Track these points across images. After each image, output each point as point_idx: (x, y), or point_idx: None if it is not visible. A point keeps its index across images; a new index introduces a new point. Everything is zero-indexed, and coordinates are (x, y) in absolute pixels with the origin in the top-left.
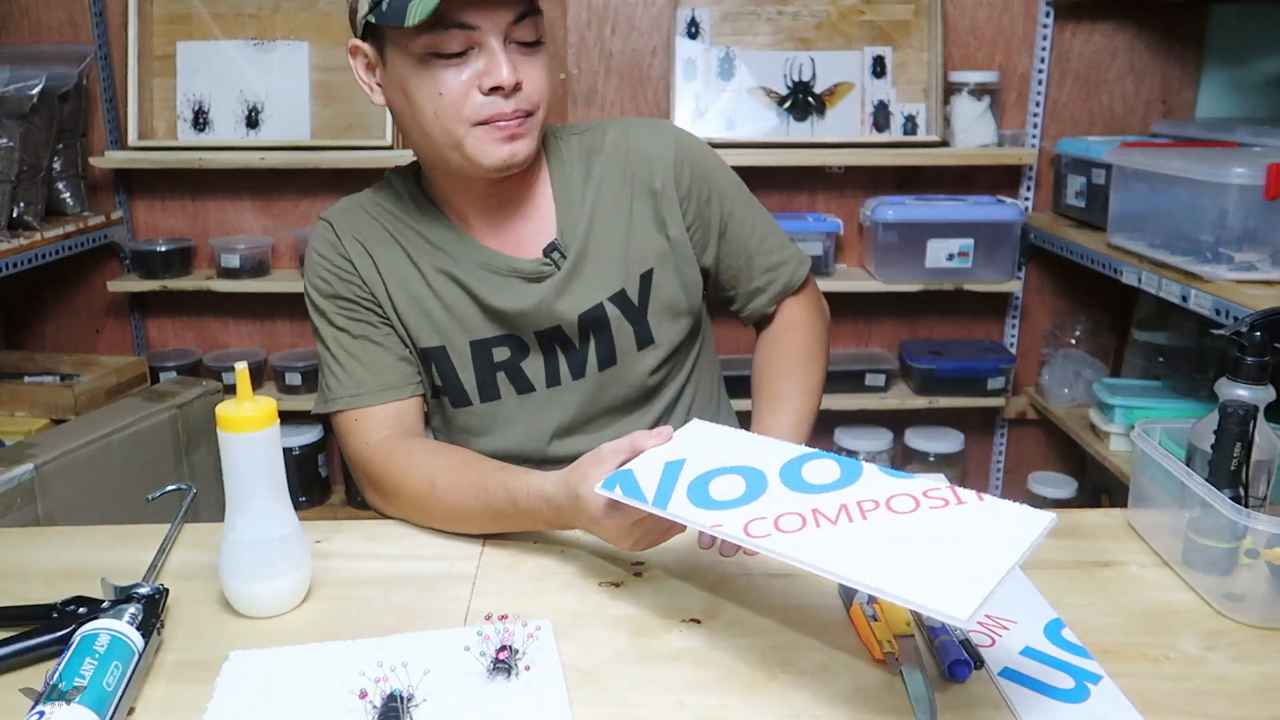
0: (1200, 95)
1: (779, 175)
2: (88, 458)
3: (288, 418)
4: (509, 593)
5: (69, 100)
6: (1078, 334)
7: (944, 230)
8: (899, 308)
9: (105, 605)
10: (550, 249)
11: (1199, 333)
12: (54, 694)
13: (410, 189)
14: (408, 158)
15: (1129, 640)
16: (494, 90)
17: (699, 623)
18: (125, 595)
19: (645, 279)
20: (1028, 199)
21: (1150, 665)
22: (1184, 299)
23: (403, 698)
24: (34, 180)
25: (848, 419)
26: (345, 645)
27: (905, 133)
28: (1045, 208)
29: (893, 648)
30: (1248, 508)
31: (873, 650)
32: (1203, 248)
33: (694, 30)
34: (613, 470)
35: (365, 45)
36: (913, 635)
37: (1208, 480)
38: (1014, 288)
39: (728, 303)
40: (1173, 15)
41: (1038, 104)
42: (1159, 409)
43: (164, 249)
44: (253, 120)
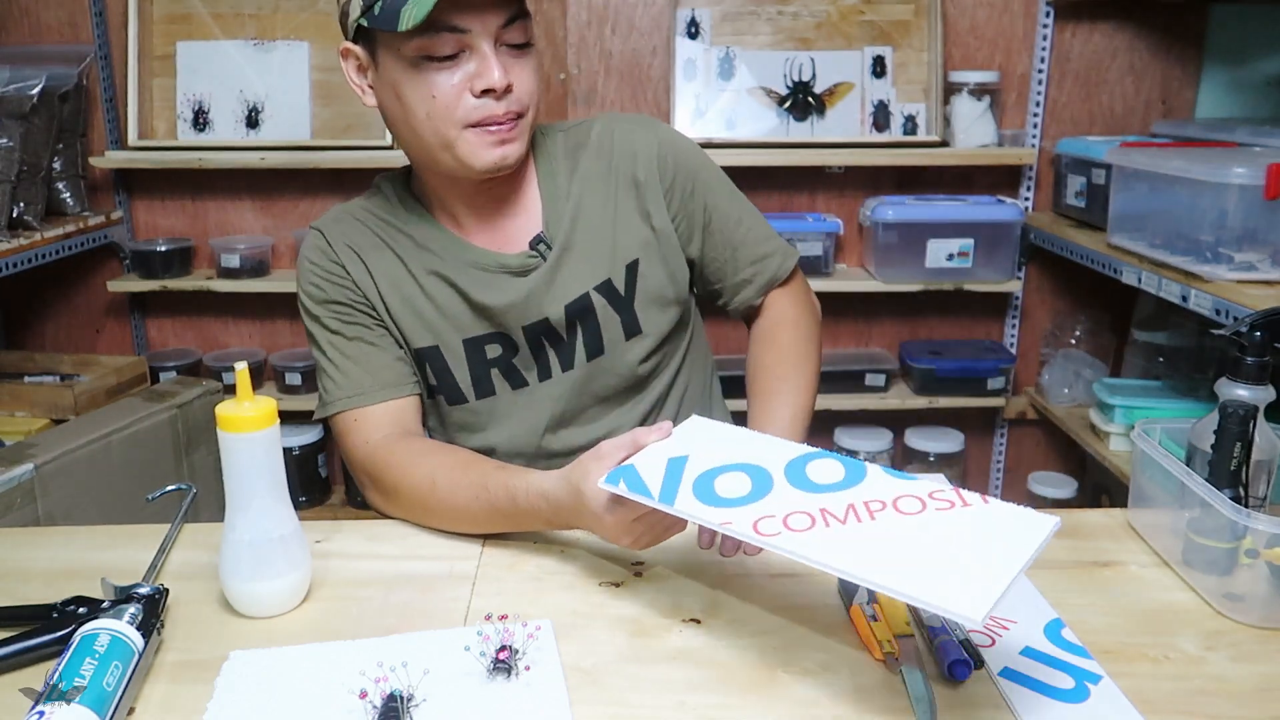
0: (1200, 95)
1: (779, 175)
2: (88, 458)
3: (288, 418)
4: (509, 593)
5: (69, 100)
6: (1078, 334)
7: (944, 230)
8: (899, 308)
9: (105, 605)
10: (536, 241)
11: (1199, 333)
12: (54, 694)
13: (399, 192)
14: (406, 158)
15: (1129, 640)
16: (486, 93)
17: (699, 623)
18: (125, 595)
19: (631, 269)
20: (1028, 199)
21: (1150, 665)
22: (1184, 299)
23: (403, 698)
24: (34, 180)
25: (848, 419)
26: (345, 645)
27: (905, 133)
28: (1045, 208)
29: (893, 648)
30: (1248, 508)
31: (873, 650)
32: (1203, 248)
33: (694, 30)
34: (614, 466)
35: (356, 48)
36: (913, 635)
37: (1208, 480)
38: (1014, 288)
39: (715, 296)
40: (1173, 15)
41: (1038, 104)
42: (1159, 409)
43: (164, 249)
44: (253, 120)
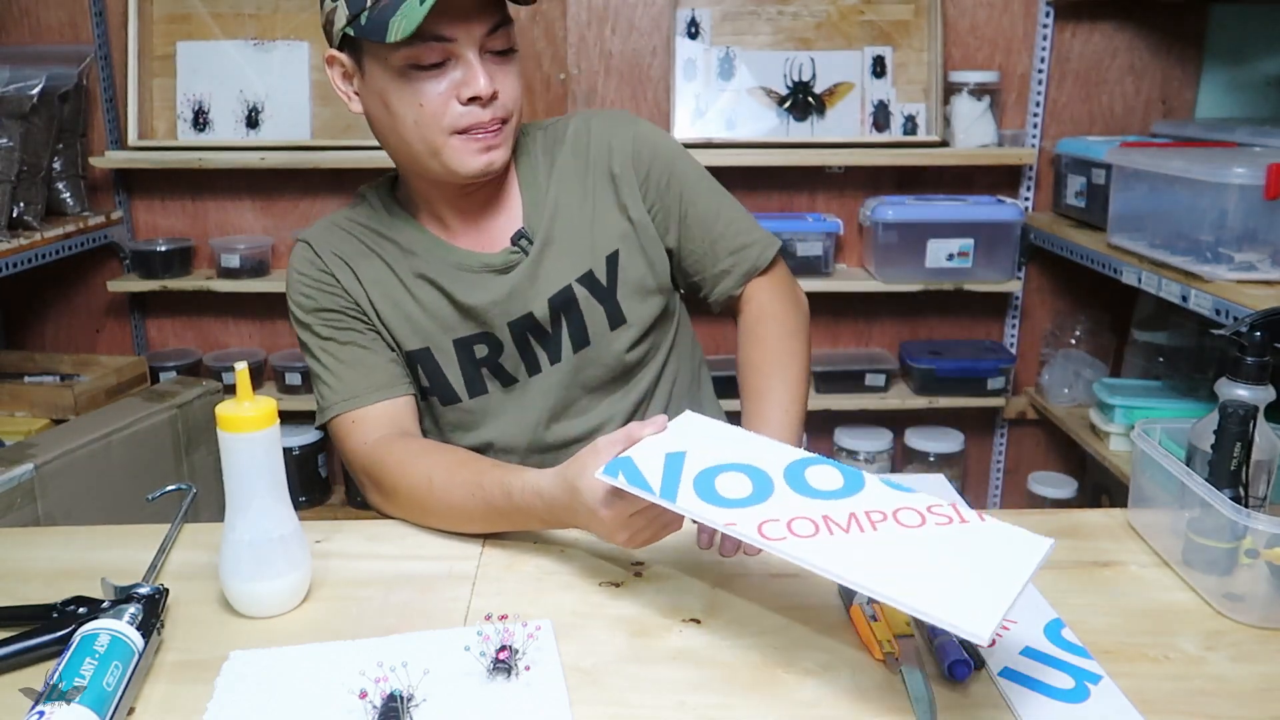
0: (1200, 95)
1: (779, 175)
2: (88, 458)
3: (288, 418)
4: (509, 593)
5: (69, 100)
6: (1078, 334)
7: (944, 230)
8: (899, 308)
9: (105, 605)
10: (518, 237)
11: (1199, 333)
12: (54, 694)
13: (384, 199)
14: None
15: (1129, 640)
16: (472, 100)
17: (699, 623)
18: (125, 595)
19: (611, 260)
20: (1028, 199)
21: (1150, 665)
22: (1184, 299)
23: (403, 698)
24: (34, 180)
25: (848, 419)
26: (345, 645)
27: (905, 133)
28: (1045, 208)
29: (893, 648)
30: (1248, 508)
31: (873, 650)
32: (1203, 248)
33: (694, 30)
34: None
35: (342, 55)
36: (913, 635)
37: (1208, 480)
38: (1014, 288)
39: (696, 289)
40: (1173, 15)
41: (1038, 104)
42: (1159, 409)
43: (164, 249)
44: (253, 120)
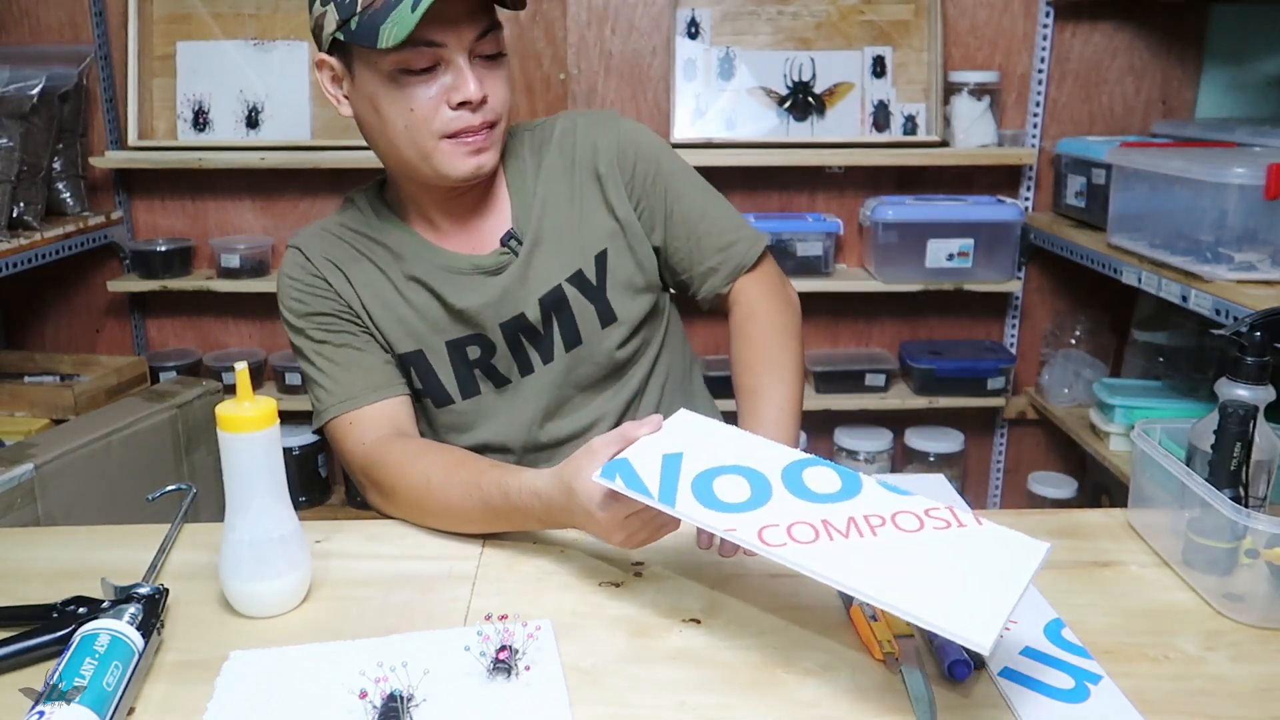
0: (1200, 95)
1: (779, 175)
2: (88, 458)
3: (288, 418)
4: (509, 593)
5: (69, 100)
6: (1078, 334)
7: (944, 230)
8: (899, 308)
9: (105, 605)
10: (508, 237)
11: (1199, 333)
12: (54, 694)
13: (373, 203)
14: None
15: (1129, 640)
16: (462, 105)
17: (699, 623)
18: (125, 595)
19: (600, 259)
20: (1028, 199)
21: (1150, 665)
22: (1184, 299)
23: (403, 698)
24: (34, 180)
25: (848, 419)
26: (345, 645)
27: (905, 133)
28: (1045, 208)
29: (893, 648)
30: (1248, 508)
31: (873, 650)
32: (1203, 248)
33: (694, 30)
34: (606, 461)
35: (331, 59)
36: (913, 635)
37: (1208, 480)
38: (1014, 288)
39: (684, 287)
40: (1173, 15)
41: (1038, 104)
42: (1159, 409)
43: (164, 249)
44: (253, 120)
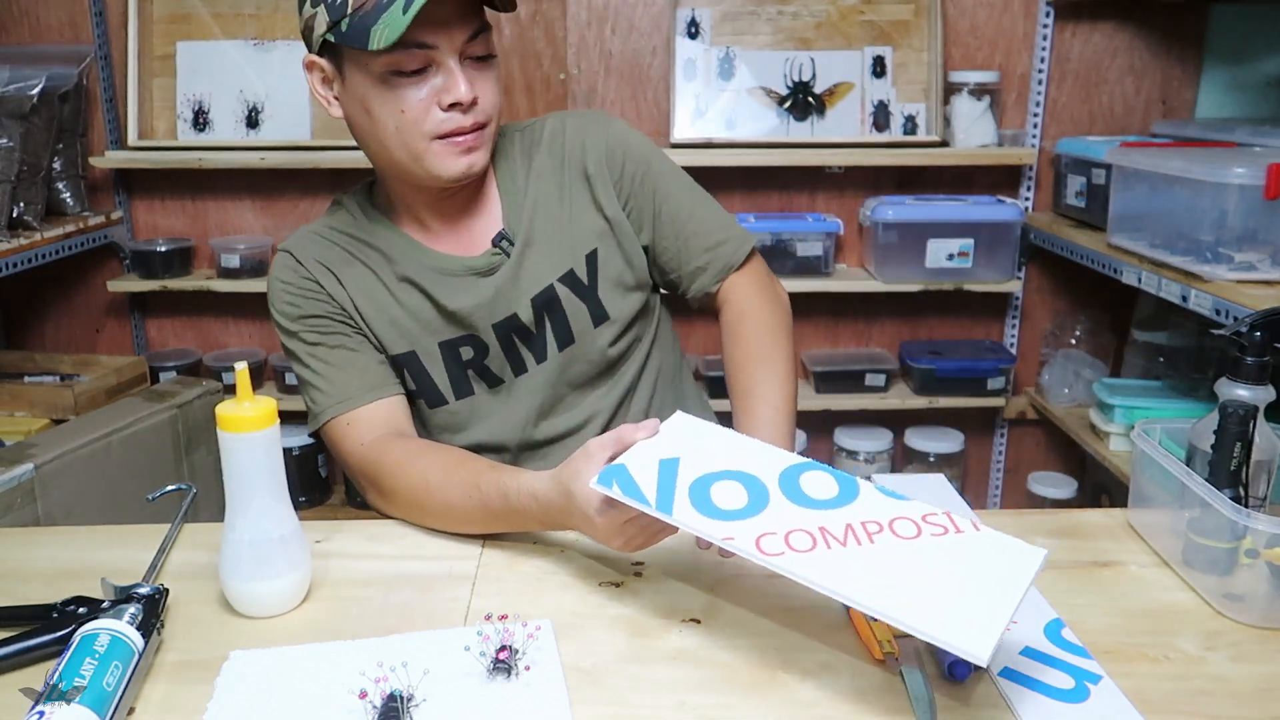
0: (1200, 95)
1: (779, 175)
2: (88, 458)
3: (288, 418)
4: (509, 593)
5: (69, 100)
6: (1078, 334)
7: (944, 230)
8: (899, 308)
9: (105, 605)
10: (499, 238)
11: (1199, 333)
12: (54, 694)
13: (362, 205)
14: None
15: (1129, 640)
16: (453, 106)
17: (699, 623)
18: (125, 595)
19: (591, 258)
20: (1028, 199)
21: (1150, 665)
22: (1184, 299)
23: (403, 698)
24: (34, 180)
25: (848, 419)
26: (345, 645)
27: (905, 133)
28: (1045, 208)
29: (893, 648)
30: (1248, 508)
31: (873, 650)
32: (1203, 248)
33: (694, 30)
34: (602, 464)
35: (321, 60)
36: (912, 635)
37: (1208, 480)
38: (1014, 288)
39: (673, 286)
40: (1173, 15)
41: (1038, 104)
42: (1159, 409)
43: (164, 249)
44: (253, 120)
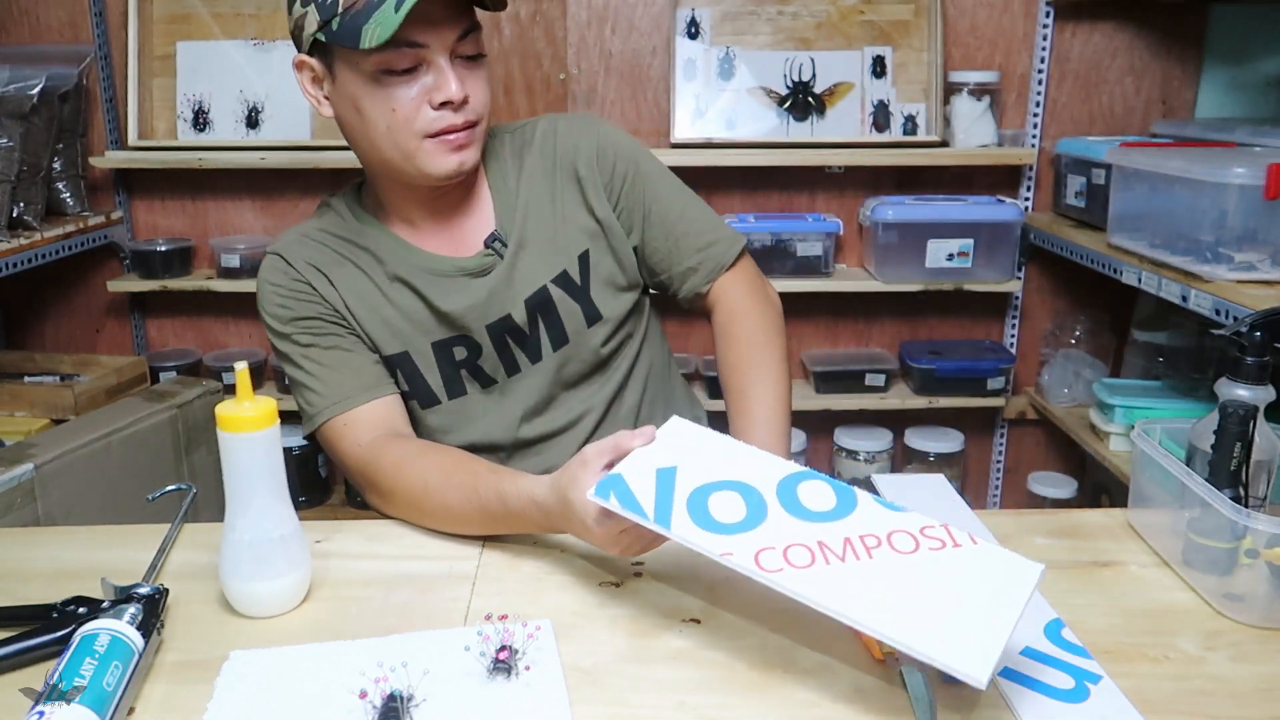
0: (1200, 95)
1: (779, 175)
2: (88, 458)
3: (288, 418)
4: (509, 593)
5: (69, 100)
6: (1078, 334)
7: (944, 230)
8: (899, 308)
9: (105, 605)
10: (491, 239)
11: (1199, 333)
12: (54, 694)
13: (351, 206)
14: None
15: (1129, 640)
16: (444, 104)
17: (699, 623)
18: (125, 595)
19: (583, 259)
20: (1028, 199)
21: (1150, 665)
22: (1184, 299)
23: (403, 698)
24: (34, 180)
25: (848, 419)
26: (345, 645)
27: (905, 133)
28: (1045, 208)
29: (893, 648)
30: (1248, 508)
31: (873, 650)
32: (1203, 248)
33: (694, 30)
34: (599, 471)
35: (311, 60)
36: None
37: (1208, 480)
38: (1014, 288)
39: (664, 287)
40: (1173, 15)
41: (1038, 104)
42: (1159, 409)
43: (164, 249)
44: (253, 120)
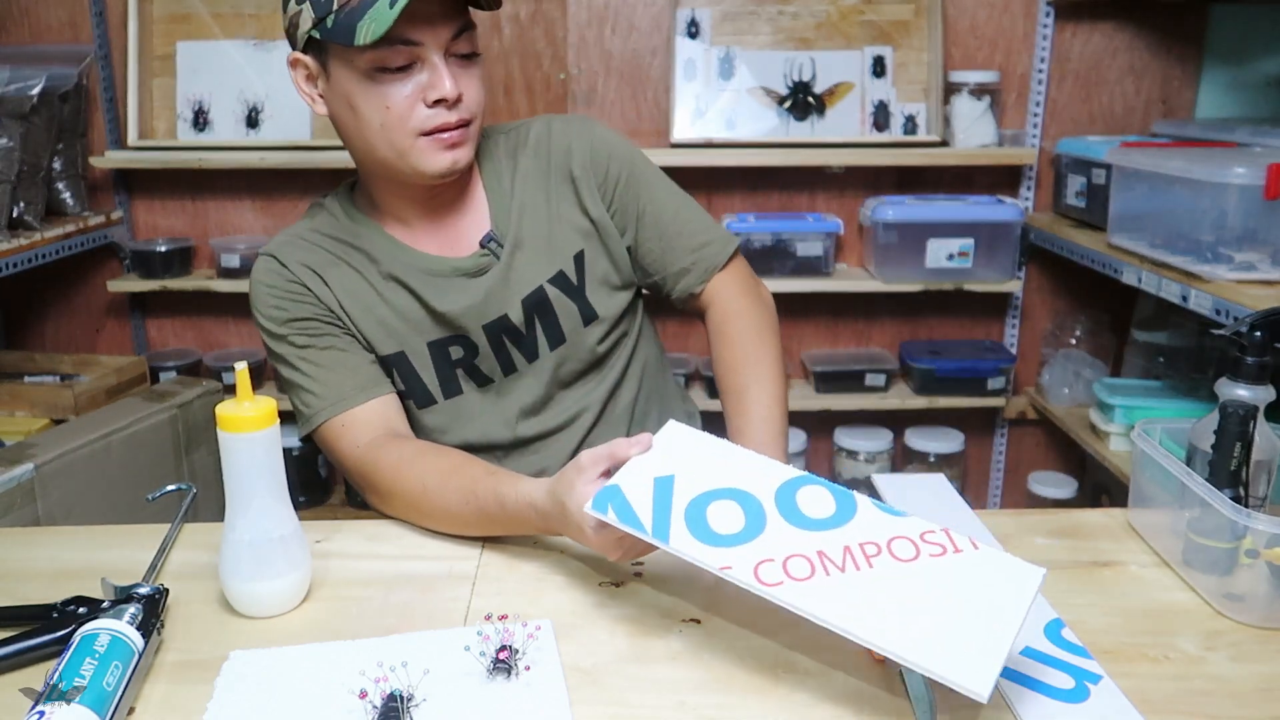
0: (1200, 95)
1: (779, 175)
2: (88, 458)
3: (288, 418)
4: (509, 593)
5: (69, 100)
6: (1078, 334)
7: (944, 230)
8: (899, 308)
9: (105, 605)
10: (487, 239)
11: (1199, 333)
12: (54, 694)
13: (345, 207)
14: None
15: (1129, 640)
16: (438, 102)
17: (699, 623)
18: (125, 595)
19: (579, 259)
20: (1028, 199)
21: (1150, 665)
22: (1184, 299)
23: (403, 698)
24: (34, 180)
25: (848, 419)
26: (345, 645)
27: (905, 133)
28: (1045, 208)
29: None
30: (1248, 508)
31: (872, 651)
32: (1203, 248)
33: (694, 30)
34: (595, 479)
35: (306, 58)
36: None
37: (1208, 480)
38: (1014, 288)
39: (657, 288)
40: (1173, 15)
41: (1038, 104)
42: (1159, 409)
43: (164, 249)
44: (253, 120)
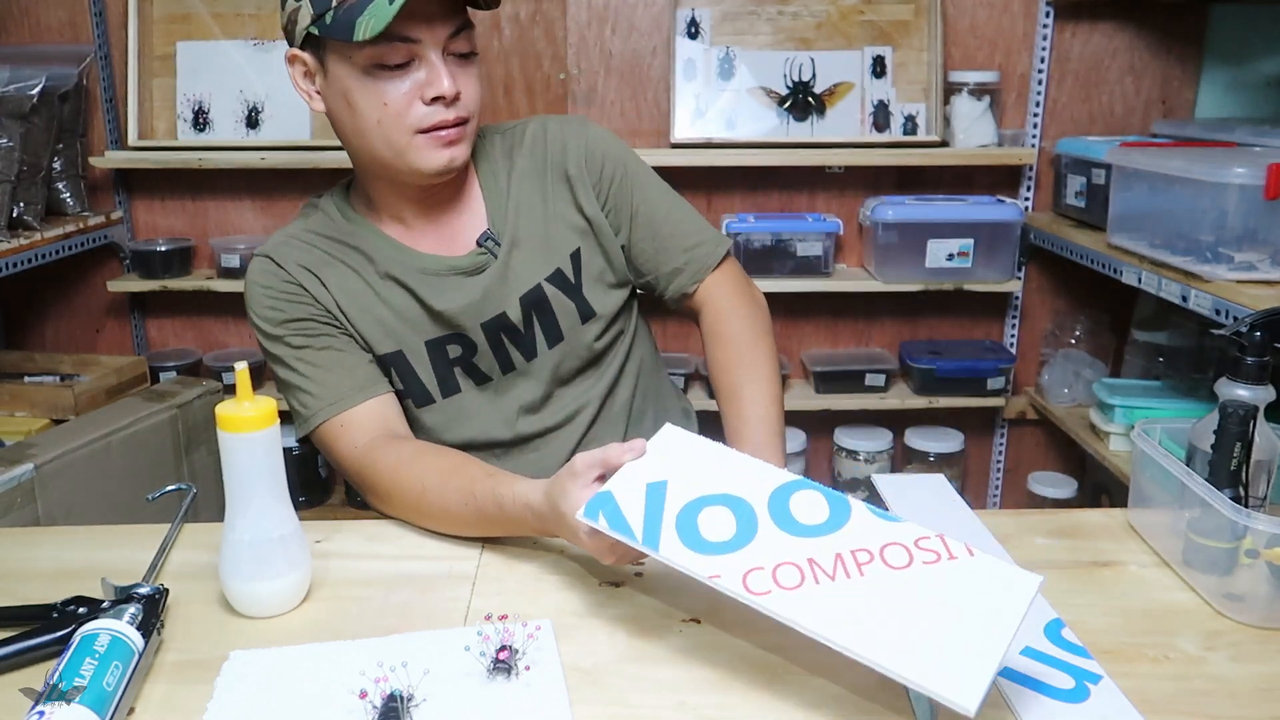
0: (1200, 95)
1: (779, 175)
2: (88, 458)
3: (288, 418)
4: (509, 593)
5: (69, 100)
6: (1078, 334)
7: (944, 230)
8: (899, 308)
9: (105, 605)
10: (484, 238)
11: (1199, 333)
12: (54, 694)
13: (340, 206)
14: None
15: (1129, 640)
16: (436, 100)
17: (699, 623)
18: (125, 595)
19: (575, 258)
20: (1028, 199)
21: (1150, 665)
22: (1184, 299)
23: (403, 698)
24: (34, 180)
25: (848, 419)
26: (345, 645)
27: (905, 133)
28: (1045, 208)
29: None
30: (1248, 508)
31: None
32: (1203, 248)
33: (694, 30)
34: (589, 484)
35: (304, 54)
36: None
37: (1208, 480)
38: (1014, 288)
39: (650, 288)
40: (1173, 15)
41: (1038, 104)
42: (1159, 409)
43: (164, 249)
44: (253, 120)
